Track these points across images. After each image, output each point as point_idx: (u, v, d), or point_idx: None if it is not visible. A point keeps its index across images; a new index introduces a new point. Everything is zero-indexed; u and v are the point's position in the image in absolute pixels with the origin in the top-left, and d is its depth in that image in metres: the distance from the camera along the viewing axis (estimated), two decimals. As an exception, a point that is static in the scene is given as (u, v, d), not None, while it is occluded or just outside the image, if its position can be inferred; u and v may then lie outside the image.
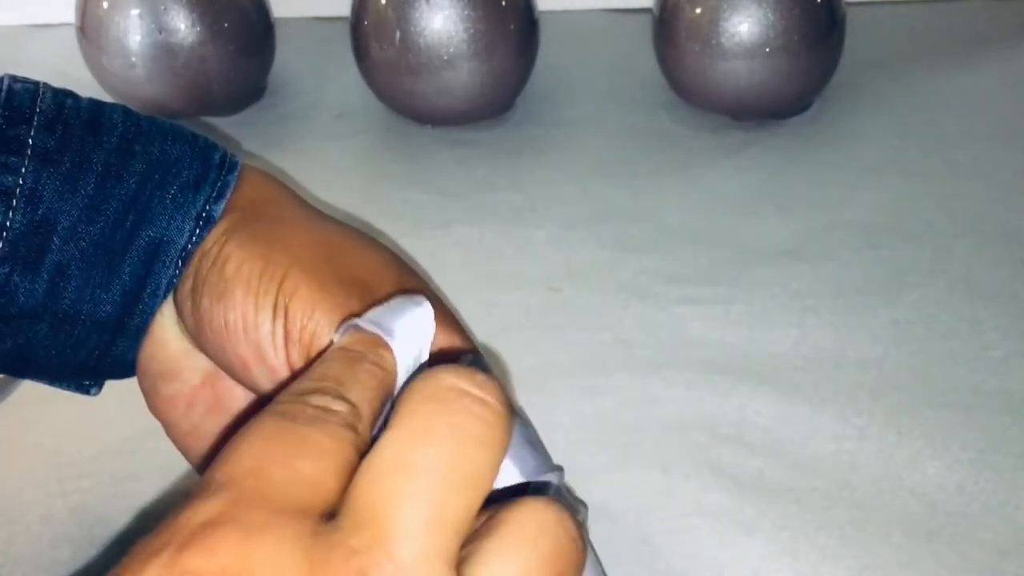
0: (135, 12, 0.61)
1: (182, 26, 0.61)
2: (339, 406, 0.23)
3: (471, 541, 0.21)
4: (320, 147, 0.63)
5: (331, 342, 0.29)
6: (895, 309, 0.48)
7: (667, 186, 0.58)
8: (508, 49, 0.61)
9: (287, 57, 0.70)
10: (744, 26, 0.59)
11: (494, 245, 0.54)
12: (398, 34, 0.60)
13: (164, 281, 0.33)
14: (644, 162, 0.60)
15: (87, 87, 0.65)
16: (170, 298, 0.33)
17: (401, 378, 0.27)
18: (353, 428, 0.23)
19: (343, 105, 0.67)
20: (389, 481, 0.21)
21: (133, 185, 0.32)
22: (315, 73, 0.71)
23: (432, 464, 0.21)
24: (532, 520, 0.21)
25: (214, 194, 0.33)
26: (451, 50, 0.60)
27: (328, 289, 0.31)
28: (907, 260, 0.51)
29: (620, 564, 0.36)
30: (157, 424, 0.42)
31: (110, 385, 0.36)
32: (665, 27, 0.62)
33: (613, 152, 0.61)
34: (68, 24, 0.65)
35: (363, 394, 0.24)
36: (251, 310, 0.31)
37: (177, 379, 0.34)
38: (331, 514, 0.21)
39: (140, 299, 0.33)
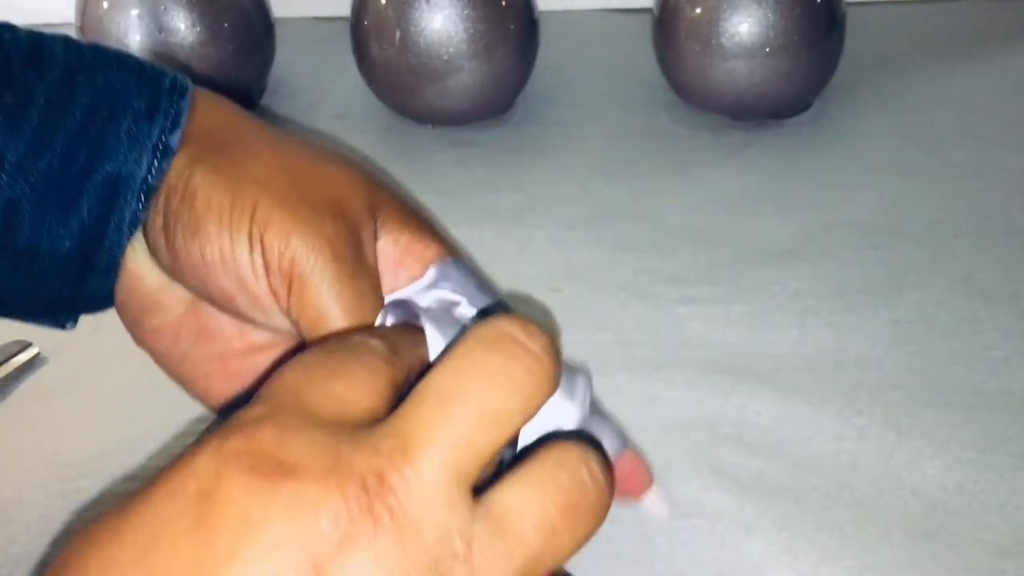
0: (135, 12, 0.61)
1: (182, 26, 0.61)
2: (375, 343, 0.25)
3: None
4: (320, 147, 0.63)
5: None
6: (895, 309, 0.48)
7: (667, 186, 0.58)
8: (508, 49, 0.61)
9: (287, 57, 0.70)
10: (744, 26, 0.59)
11: (494, 245, 0.54)
12: (398, 34, 0.60)
13: (127, 216, 0.32)
14: (644, 162, 0.60)
15: (87, 87, 0.65)
16: (140, 233, 0.33)
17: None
18: (388, 361, 0.24)
19: (343, 105, 0.67)
20: (424, 404, 0.22)
21: (79, 117, 0.32)
22: (315, 73, 0.71)
23: (466, 396, 0.22)
24: (554, 456, 0.23)
25: (168, 124, 0.33)
26: (451, 50, 0.60)
27: (301, 214, 0.31)
28: (907, 260, 0.51)
29: (620, 564, 0.36)
30: (157, 424, 0.42)
31: (110, 385, 0.36)
32: (665, 27, 0.62)
33: (613, 152, 0.61)
34: (68, 24, 0.65)
35: (401, 338, 0.26)
36: (227, 243, 0.31)
37: (160, 311, 0.34)
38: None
39: (104, 235, 0.33)
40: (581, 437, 0.28)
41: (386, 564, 0.21)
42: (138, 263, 0.34)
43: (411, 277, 0.33)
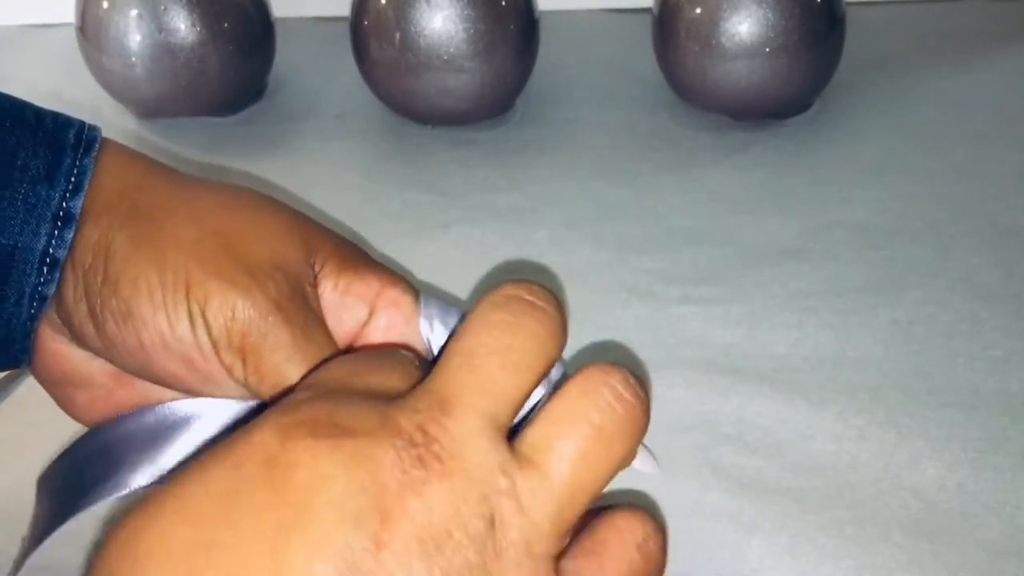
0: (135, 12, 0.61)
1: (182, 26, 0.61)
2: (404, 352, 0.27)
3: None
4: (320, 147, 0.63)
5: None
6: (895, 309, 0.48)
7: (667, 186, 0.58)
8: (508, 49, 0.61)
9: (287, 57, 0.70)
10: (744, 26, 0.59)
11: (494, 245, 0.54)
12: (398, 34, 0.60)
13: (27, 290, 0.31)
14: (644, 162, 0.60)
15: (87, 87, 0.65)
16: (54, 317, 0.31)
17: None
18: (416, 365, 0.27)
19: (343, 105, 0.67)
20: (450, 363, 0.24)
21: None
22: (315, 73, 0.71)
23: (486, 349, 0.24)
24: (576, 385, 0.24)
25: (71, 187, 0.31)
26: (451, 50, 0.60)
27: (239, 282, 0.29)
28: (907, 260, 0.51)
29: (620, 564, 0.36)
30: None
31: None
32: (665, 27, 0.62)
33: (613, 152, 0.61)
34: (68, 24, 0.65)
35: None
36: (165, 326, 0.29)
37: (90, 385, 0.33)
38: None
39: (2, 309, 0.31)
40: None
41: (441, 503, 0.22)
42: (57, 342, 0.32)
43: (355, 319, 0.32)
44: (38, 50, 0.74)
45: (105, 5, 0.62)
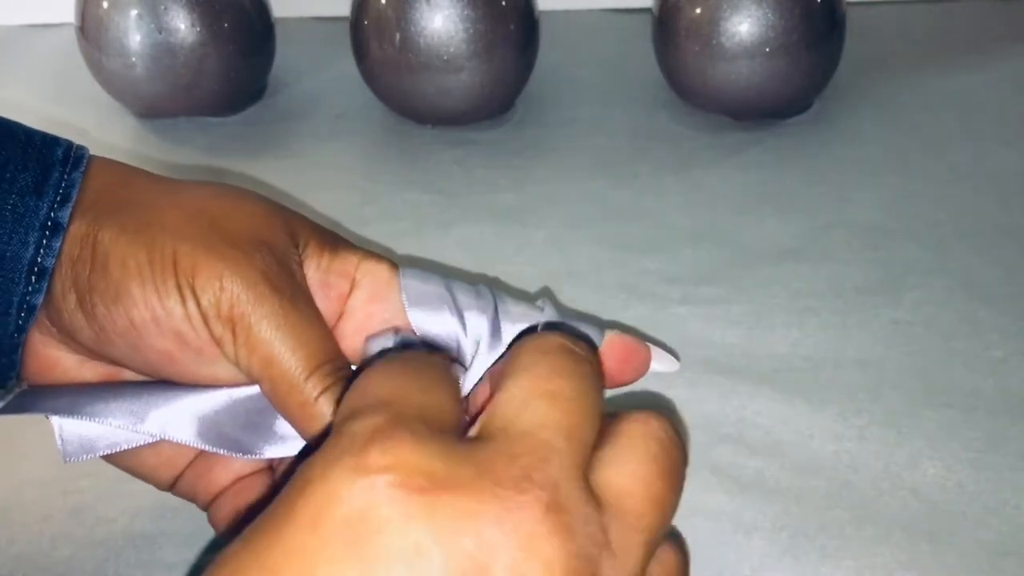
0: (135, 12, 0.61)
1: (182, 26, 0.61)
2: (436, 358, 0.27)
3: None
4: (320, 147, 0.63)
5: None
6: (895, 309, 0.48)
7: (667, 186, 0.58)
8: (508, 49, 0.61)
9: (287, 57, 0.70)
10: (744, 26, 0.59)
11: (494, 245, 0.54)
12: (398, 34, 0.60)
13: (15, 298, 0.31)
14: (644, 162, 0.60)
15: (87, 87, 0.65)
16: (43, 319, 0.32)
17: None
18: (453, 373, 0.27)
19: (343, 105, 0.67)
20: (535, 407, 0.24)
21: None
22: (315, 73, 0.71)
23: (565, 394, 0.24)
24: (637, 429, 0.25)
25: (58, 198, 0.31)
26: (451, 50, 0.60)
27: (226, 255, 0.30)
28: (907, 260, 0.51)
29: (620, 564, 0.36)
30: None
31: (110, 385, 0.35)
32: (665, 27, 0.62)
33: (613, 152, 0.61)
34: (68, 24, 0.65)
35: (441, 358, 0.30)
36: (155, 301, 0.30)
37: None
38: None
39: None
40: (565, 329, 0.34)
41: (552, 561, 0.21)
42: (47, 347, 0.32)
43: (338, 293, 0.33)
44: (38, 50, 0.74)
45: (105, 5, 0.62)
